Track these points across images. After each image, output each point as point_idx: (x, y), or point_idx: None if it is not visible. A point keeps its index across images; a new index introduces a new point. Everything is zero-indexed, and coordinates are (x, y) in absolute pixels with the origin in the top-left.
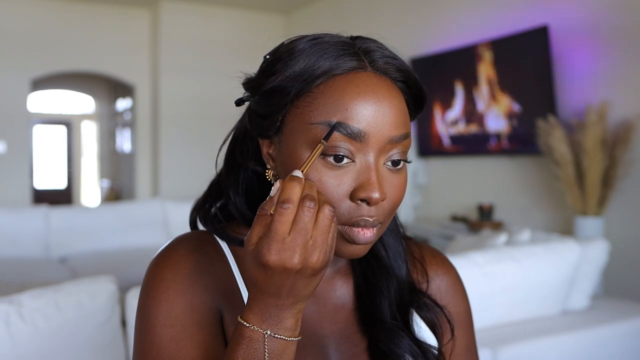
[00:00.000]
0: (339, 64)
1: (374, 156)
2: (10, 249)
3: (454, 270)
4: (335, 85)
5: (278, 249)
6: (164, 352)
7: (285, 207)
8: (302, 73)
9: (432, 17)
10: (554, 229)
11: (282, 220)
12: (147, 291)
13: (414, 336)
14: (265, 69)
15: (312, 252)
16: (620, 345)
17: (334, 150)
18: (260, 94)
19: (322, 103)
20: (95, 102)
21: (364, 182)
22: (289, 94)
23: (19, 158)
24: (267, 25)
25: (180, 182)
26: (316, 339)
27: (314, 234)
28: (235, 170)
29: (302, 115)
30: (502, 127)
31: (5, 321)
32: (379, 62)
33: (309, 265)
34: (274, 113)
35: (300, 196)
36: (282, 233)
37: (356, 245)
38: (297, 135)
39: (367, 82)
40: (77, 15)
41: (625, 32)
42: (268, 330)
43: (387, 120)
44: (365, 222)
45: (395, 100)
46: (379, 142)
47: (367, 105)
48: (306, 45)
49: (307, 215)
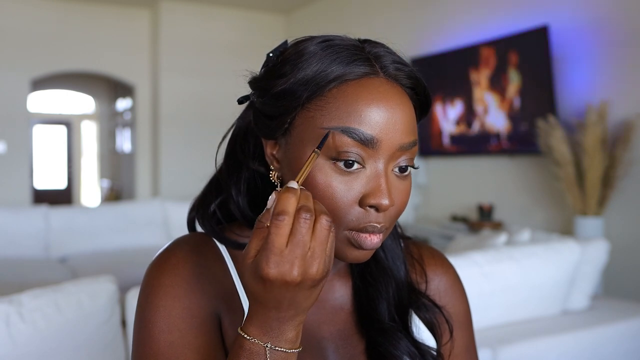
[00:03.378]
0: (351, 69)
1: (384, 163)
2: (10, 249)
3: (452, 270)
4: (349, 90)
5: (276, 262)
6: (162, 357)
7: (281, 219)
8: (314, 77)
9: (432, 17)
10: (554, 229)
11: (278, 233)
12: (146, 296)
13: (412, 337)
14: (272, 70)
15: (311, 264)
16: (620, 345)
17: (345, 155)
18: (269, 95)
19: (334, 108)
20: (95, 102)
21: (374, 189)
22: (300, 97)
23: (19, 158)
24: (267, 25)
25: (180, 182)
26: (315, 341)
27: (312, 245)
28: (236, 169)
29: (313, 118)
30: (502, 127)
31: (5, 321)
32: (389, 68)
33: (309, 277)
34: (282, 115)
35: (295, 208)
36: (279, 245)
37: (362, 250)
38: (306, 139)
39: (380, 88)
40: (77, 15)
41: (625, 32)
42: (269, 343)
43: (399, 127)
44: (373, 228)
45: (406, 107)
46: (389, 149)
47: (379, 112)
48: (317, 48)
49: (303, 227)
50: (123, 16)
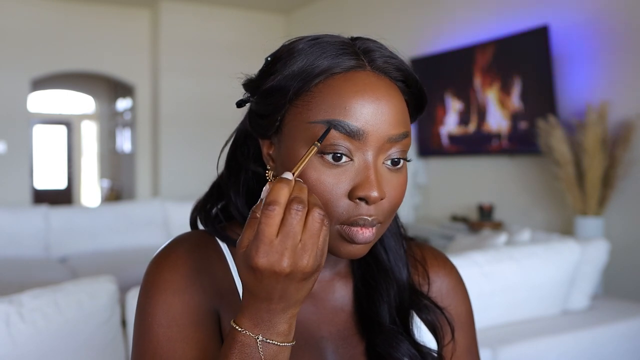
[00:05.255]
0: (337, 62)
1: (372, 155)
2: (10, 249)
3: (455, 271)
4: (334, 84)
5: (266, 251)
6: (160, 351)
7: (271, 209)
8: (300, 72)
9: (432, 17)
10: (554, 229)
11: (268, 223)
12: (146, 291)
13: (413, 340)
14: (264, 70)
15: (302, 256)
16: (620, 345)
17: (333, 148)
18: (259, 94)
19: (320, 102)
20: (95, 102)
21: (362, 181)
22: (287, 93)
23: (19, 158)
24: (267, 25)
25: (180, 182)
26: (314, 340)
27: (303, 237)
28: (236, 172)
29: (300, 114)
30: (502, 127)
31: (5, 321)
32: (378, 62)
33: (299, 268)
34: (273, 113)
35: (288, 198)
36: (269, 235)
37: (355, 245)
38: (295, 135)
39: (366, 80)
40: (77, 15)
41: (625, 32)
42: (260, 335)
43: (386, 118)
44: (364, 221)
45: (394, 99)
46: (377, 141)
47: (365, 104)
48: (305, 45)
49: (294, 218)
50: (123, 16)
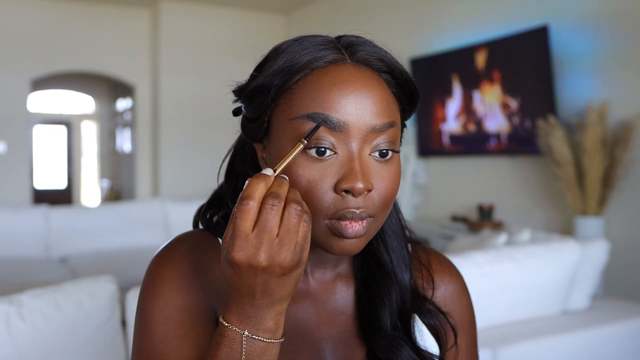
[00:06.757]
0: (317, 57)
1: (357, 146)
2: (10, 249)
3: (460, 278)
4: (314, 79)
5: (241, 246)
6: (157, 348)
7: (244, 203)
8: (281, 70)
9: (432, 17)
10: (554, 229)
11: (242, 217)
12: (146, 288)
13: (414, 345)
14: (252, 74)
15: (279, 251)
16: (620, 345)
17: (316, 143)
18: (244, 96)
19: (301, 98)
20: (95, 102)
21: (346, 173)
22: (269, 90)
23: (19, 158)
24: (267, 25)
25: (180, 182)
26: (312, 341)
27: (280, 232)
28: (234, 179)
29: (283, 112)
30: (502, 126)
31: (5, 321)
32: (359, 54)
33: (276, 263)
34: (260, 114)
35: (263, 194)
36: (244, 230)
37: (347, 239)
38: (280, 134)
39: (345, 72)
40: (77, 15)
41: (625, 33)
42: (246, 330)
43: (367, 108)
44: (352, 214)
45: (376, 89)
46: (360, 132)
47: (344, 95)
48: (289, 44)
49: (270, 213)
50: (123, 16)
